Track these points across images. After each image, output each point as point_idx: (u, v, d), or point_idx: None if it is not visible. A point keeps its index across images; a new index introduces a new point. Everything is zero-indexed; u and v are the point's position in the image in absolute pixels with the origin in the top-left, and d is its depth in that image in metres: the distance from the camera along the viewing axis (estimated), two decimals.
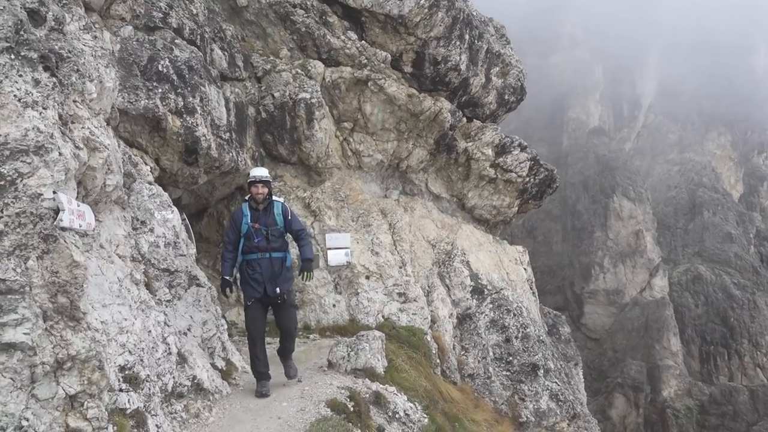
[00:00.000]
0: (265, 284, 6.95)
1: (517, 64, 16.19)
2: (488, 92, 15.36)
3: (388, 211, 13.52)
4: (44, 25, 4.80)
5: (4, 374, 3.71)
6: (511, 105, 16.24)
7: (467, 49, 14.17)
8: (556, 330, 17.44)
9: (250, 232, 6.95)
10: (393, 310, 12.02)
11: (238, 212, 7.13)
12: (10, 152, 4.02)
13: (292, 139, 12.23)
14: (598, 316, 47.85)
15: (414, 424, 7.56)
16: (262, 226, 6.97)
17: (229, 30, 11.78)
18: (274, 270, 6.98)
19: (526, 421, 12.38)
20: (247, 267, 7.02)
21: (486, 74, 15.10)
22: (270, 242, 6.99)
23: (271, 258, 6.97)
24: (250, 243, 6.97)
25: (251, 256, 6.99)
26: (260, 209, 7.09)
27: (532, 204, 16.97)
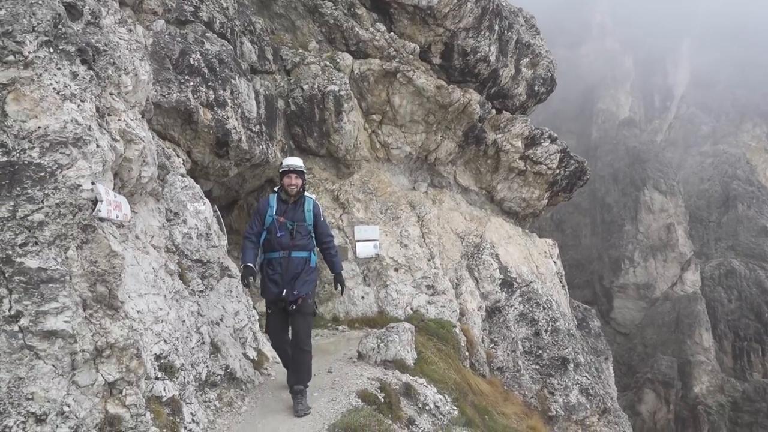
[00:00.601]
0: (285, 286, 6.14)
1: (547, 54, 16.00)
2: (518, 83, 15.20)
3: (417, 204, 13.50)
4: (81, 19, 4.86)
5: (46, 361, 3.79)
6: (541, 96, 16.07)
7: (497, 40, 14.04)
8: (586, 324, 17.27)
9: (274, 226, 6.21)
10: (421, 302, 12.01)
11: (264, 203, 6.43)
12: (50, 144, 4.09)
13: (321, 131, 12.26)
14: (627, 310, 47.23)
15: (444, 416, 7.55)
16: (288, 220, 6.23)
17: (259, 23, 11.84)
18: (295, 270, 6.18)
19: (555, 415, 12.29)
20: (267, 266, 6.28)
21: (516, 65, 14.95)
22: (294, 239, 6.20)
23: (291, 257, 6.18)
24: (272, 237, 6.21)
25: (272, 254, 6.24)
26: (289, 202, 6.34)
27: (562, 196, 16.79)
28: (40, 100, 4.14)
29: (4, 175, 3.86)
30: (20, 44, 4.11)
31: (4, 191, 3.85)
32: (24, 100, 4.09)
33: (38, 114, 4.11)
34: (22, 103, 4.09)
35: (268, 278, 6.23)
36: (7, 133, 3.98)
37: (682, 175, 53.77)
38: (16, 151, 3.97)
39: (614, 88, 59.35)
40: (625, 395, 38.81)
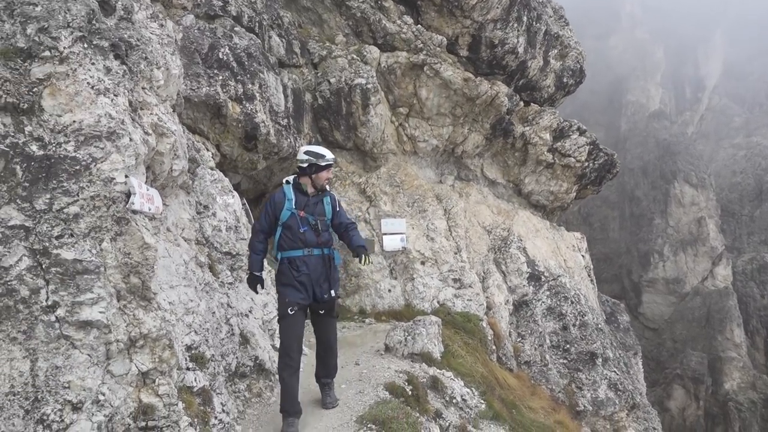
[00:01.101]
0: (314, 287, 5.60)
1: (576, 45, 15.79)
2: (546, 75, 15.04)
3: (444, 197, 13.45)
4: (114, 15, 4.94)
5: (82, 350, 3.87)
6: (569, 88, 15.88)
7: (525, 32, 13.89)
8: (615, 318, 17.08)
9: (295, 221, 5.55)
10: (448, 295, 11.99)
11: (279, 195, 5.68)
12: (84, 138, 4.16)
13: (348, 124, 12.27)
14: (656, 305, 46.52)
15: (471, 409, 7.54)
16: (309, 215, 5.60)
17: (286, 17, 11.88)
18: (322, 269, 5.65)
19: (583, 409, 12.20)
20: (289, 266, 5.57)
21: (544, 57, 14.78)
22: (320, 235, 5.63)
23: (316, 255, 5.61)
24: (292, 235, 5.55)
25: (293, 253, 5.57)
26: (310, 195, 5.70)
27: (591, 189, 16.59)
28: (75, 95, 4.21)
29: (40, 168, 3.94)
30: (56, 40, 4.19)
31: (41, 184, 3.93)
32: (59, 95, 4.17)
33: (73, 108, 4.18)
34: (58, 98, 4.16)
35: (294, 280, 5.53)
36: (43, 127, 4.06)
37: (714, 168, 52.66)
38: (52, 144, 4.04)
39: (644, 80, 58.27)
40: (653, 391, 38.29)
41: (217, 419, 5.13)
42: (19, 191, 3.84)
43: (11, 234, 3.73)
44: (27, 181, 3.87)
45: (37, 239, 3.83)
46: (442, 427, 6.46)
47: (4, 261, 3.66)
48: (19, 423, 3.58)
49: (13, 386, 3.60)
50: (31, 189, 3.88)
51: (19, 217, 3.78)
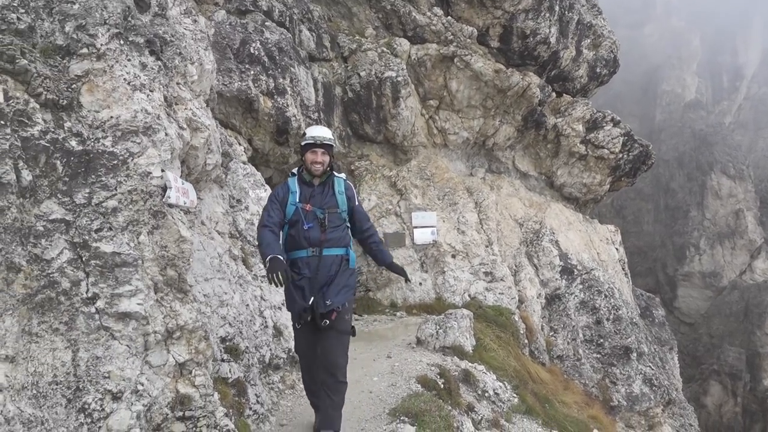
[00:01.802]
0: (314, 293, 4.65)
1: (609, 35, 15.52)
2: (579, 65, 14.80)
3: (474, 190, 13.37)
4: (149, 11, 5.00)
5: (121, 341, 3.95)
6: (603, 78, 15.61)
7: (557, 21, 13.69)
8: (650, 313, 16.80)
9: (299, 216, 4.74)
10: (479, 289, 11.93)
11: (283, 188, 4.92)
12: (121, 133, 4.24)
13: (378, 117, 12.27)
14: (692, 299, 45.59)
15: (504, 403, 7.50)
16: (316, 207, 4.77)
17: (316, 10, 11.91)
18: (328, 273, 4.71)
19: (617, 405, 12.04)
20: (292, 269, 4.71)
21: (577, 47, 14.55)
22: (326, 231, 4.73)
23: (322, 256, 4.70)
24: (296, 232, 4.75)
25: (297, 253, 4.76)
26: (315, 185, 4.88)
27: (625, 181, 16.31)
28: (112, 91, 4.28)
29: (80, 163, 4.02)
30: (93, 37, 4.26)
31: (80, 179, 4.01)
32: (97, 91, 4.25)
33: (110, 104, 4.26)
34: (96, 94, 4.24)
35: (293, 285, 4.68)
36: (82, 123, 4.14)
37: (753, 159, 51.30)
38: (90, 140, 4.12)
39: (680, 69, 56.95)
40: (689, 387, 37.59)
41: (252, 410, 5.20)
42: (60, 186, 3.92)
43: (52, 227, 3.81)
44: (67, 175, 3.95)
45: (77, 233, 3.91)
46: (474, 421, 6.44)
47: (46, 254, 3.74)
48: (62, 411, 3.67)
49: (55, 376, 3.69)
50: (71, 183, 3.96)
51: (59, 211, 3.87)
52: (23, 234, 3.63)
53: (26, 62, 3.90)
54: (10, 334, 3.43)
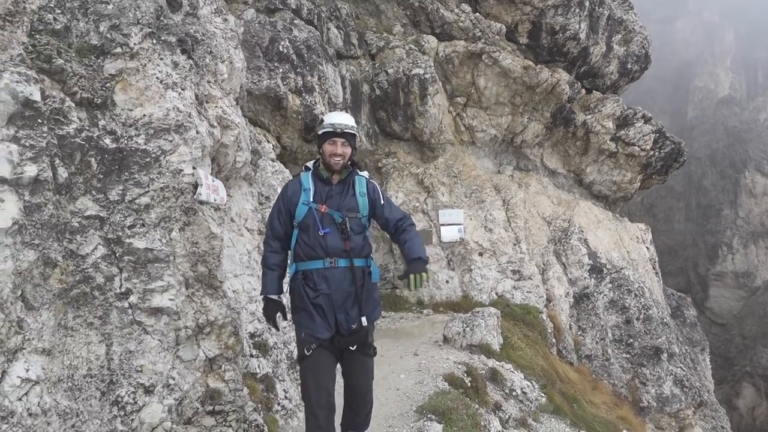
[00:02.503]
0: (336, 314, 3.90)
1: (640, 30, 15.27)
2: (609, 62, 14.60)
3: (502, 187, 13.28)
4: (180, 10, 5.07)
5: (153, 336, 4.02)
6: (634, 74, 15.37)
7: (587, 17, 13.51)
8: (681, 313, 16.51)
9: (313, 219, 3.93)
10: (507, 287, 11.86)
11: (293, 185, 4.13)
12: (154, 131, 4.30)
13: (406, 115, 12.25)
14: (724, 299, 44.67)
15: (531, 402, 7.45)
16: (333, 210, 3.95)
17: (344, 8, 11.93)
18: (349, 288, 3.92)
19: (647, 406, 11.88)
20: (304, 284, 3.92)
21: (607, 42, 14.35)
22: (348, 239, 3.94)
23: (342, 268, 3.92)
24: (309, 239, 3.92)
25: (312, 264, 3.92)
26: (333, 182, 4.06)
27: (656, 179, 16.04)
28: (145, 89, 4.35)
29: (113, 160, 4.09)
30: (126, 36, 4.33)
31: (114, 176, 4.08)
32: (130, 90, 4.32)
33: (143, 102, 4.33)
34: (129, 93, 4.31)
35: (309, 303, 3.89)
36: (115, 121, 4.21)
37: None
38: (124, 138, 4.19)
39: (713, 64, 55.75)
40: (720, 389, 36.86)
41: (280, 405, 5.25)
42: (94, 183, 4.00)
43: (87, 224, 3.89)
44: (101, 173, 4.02)
45: (111, 229, 3.98)
46: (501, 420, 6.40)
47: (81, 249, 3.82)
48: (96, 404, 3.74)
49: (90, 369, 3.77)
50: (105, 180, 4.03)
51: (94, 208, 3.94)
52: (59, 230, 3.71)
53: (62, 62, 3.98)
54: (46, 328, 3.51)
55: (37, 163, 3.53)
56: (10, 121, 3.49)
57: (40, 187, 3.55)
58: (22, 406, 3.27)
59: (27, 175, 3.46)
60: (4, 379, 3.26)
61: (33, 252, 3.45)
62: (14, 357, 3.32)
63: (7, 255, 3.30)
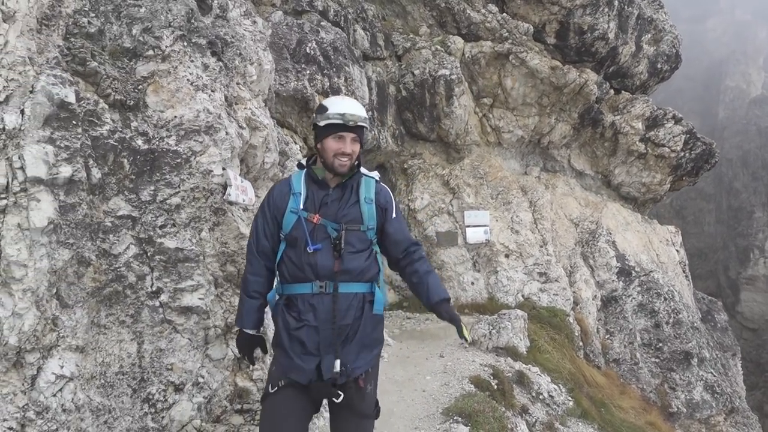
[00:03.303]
0: (321, 354, 3.02)
1: (671, 29, 15.04)
2: (638, 61, 14.41)
3: (529, 189, 13.18)
4: (210, 13, 5.13)
5: (183, 335, 4.07)
6: (664, 74, 15.15)
7: (616, 16, 13.35)
8: (711, 317, 16.21)
9: (301, 231, 3.12)
10: (533, 289, 11.76)
11: (282, 187, 3.33)
12: (185, 132, 4.36)
13: (432, 116, 12.23)
14: (756, 304, 43.71)
15: (558, 406, 7.38)
16: (328, 221, 3.14)
17: (371, 10, 11.96)
18: (343, 321, 3.05)
19: (677, 411, 11.68)
20: (287, 311, 3.12)
21: (636, 42, 14.16)
22: (342, 258, 3.09)
23: (337, 294, 3.05)
24: (296, 256, 3.12)
25: (297, 288, 3.11)
26: (331, 186, 3.24)
27: (687, 181, 15.78)
28: (176, 91, 4.40)
29: (145, 161, 4.15)
30: (158, 39, 4.39)
31: (145, 176, 4.14)
32: (162, 92, 4.38)
33: (174, 104, 4.38)
34: (160, 95, 4.37)
35: (287, 335, 3.07)
36: (147, 122, 4.27)
37: None
38: (155, 139, 4.25)
39: (744, 64, 54.65)
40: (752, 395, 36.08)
41: None
42: (127, 183, 4.06)
43: (120, 224, 3.95)
44: (133, 173, 4.08)
45: (143, 228, 4.04)
46: (528, 423, 6.36)
47: (114, 249, 3.88)
48: (128, 401, 3.80)
49: (122, 366, 3.83)
50: (137, 181, 4.09)
51: (126, 208, 4.01)
52: (93, 229, 3.77)
53: (96, 64, 4.05)
54: (80, 326, 3.57)
55: (71, 163, 3.60)
56: (46, 122, 3.57)
57: (74, 187, 3.61)
58: (57, 402, 3.34)
59: (62, 175, 3.53)
60: (39, 375, 3.33)
61: (67, 251, 3.52)
62: (49, 354, 3.39)
63: (43, 254, 3.37)
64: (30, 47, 3.70)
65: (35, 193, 3.39)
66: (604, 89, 13.53)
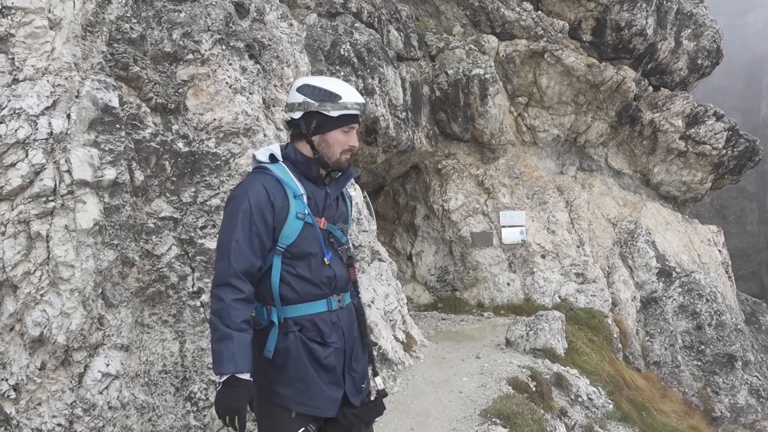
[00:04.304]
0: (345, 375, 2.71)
1: (711, 24, 14.67)
2: (678, 57, 14.09)
3: (565, 188, 13.00)
4: (248, 17, 5.19)
5: None
6: (704, 70, 14.78)
7: (654, 12, 13.09)
8: (756, 319, 15.74)
9: (313, 242, 2.64)
10: (570, 290, 11.59)
11: (271, 186, 2.58)
12: (224, 134, 4.42)
13: (466, 116, 12.16)
14: None
15: (598, 409, 7.26)
16: (334, 225, 2.76)
17: (404, 10, 11.95)
18: (353, 333, 2.78)
19: (720, 416, 11.38)
20: (305, 339, 2.58)
21: (676, 38, 13.86)
22: (352, 260, 2.84)
23: (353, 307, 2.82)
24: (311, 271, 2.63)
25: (311, 307, 2.62)
26: (326, 184, 2.77)
27: (729, 179, 15.37)
28: (215, 94, 4.47)
29: (186, 164, 4.22)
30: (198, 43, 4.47)
31: (186, 178, 4.22)
32: (201, 95, 4.45)
33: (213, 107, 4.45)
34: (200, 98, 4.44)
35: (317, 367, 2.59)
36: (188, 125, 4.35)
37: None
38: (195, 141, 4.32)
39: None
40: None
41: None
42: (168, 185, 4.14)
43: (162, 225, 4.03)
44: (174, 175, 4.16)
45: (184, 230, 4.11)
46: (567, 426, 6.27)
47: (157, 250, 3.96)
48: (171, 399, 3.87)
49: (165, 365, 3.90)
50: (178, 183, 4.17)
51: (168, 209, 4.08)
52: (136, 231, 3.85)
53: (138, 69, 4.14)
54: (125, 325, 3.65)
55: (115, 166, 3.68)
56: (91, 126, 3.66)
57: (118, 189, 3.70)
58: (103, 400, 3.41)
59: (107, 178, 3.61)
60: (86, 373, 3.42)
61: (112, 252, 3.60)
62: (95, 352, 3.47)
63: (89, 254, 3.45)
64: (75, 53, 3.80)
65: (81, 195, 3.48)
66: (643, 86, 13.27)
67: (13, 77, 3.48)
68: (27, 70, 3.51)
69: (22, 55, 3.51)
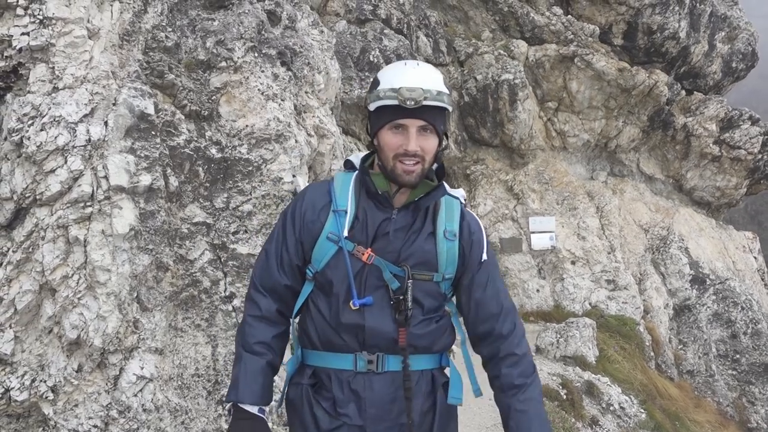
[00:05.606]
0: None
1: (746, 26, 14.41)
2: (712, 61, 13.85)
3: (595, 194, 12.85)
4: (280, 24, 5.24)
5: None
6: (739, 73, 14.51)
7: (687, 15, 12.89)
8: None
9: (341, 275, 1.89)
10: (601, 297, 11.45)
11: (317, 196, 2.02)
12: (256, 141, 4.47)
13: (495, 121, 12.11)
14: None
15: (630, 418, 7.14)
16: (387, 260, 1.90)
17: (433, 16, 11.97)
18: (399, 414, 1.90)
19: (756, 427, 11.12)
20: (312, 396, 1.92)
21: (709, 41, 13.63)
22: (408, 319, 1.87)
23: (409, 375, 1.89)
24: (331, 311, 1.90)
25: (332, 360, 1.91)
26: (395, 204, 1.95)
27: (765, 184, 15.04)
28: (248, 101, 4.52)
29: (219, 170, 4.28)
30: (231, 51, 4.53)
31: (219, 184, 4.27)
32: (234, 102, 4.50)
33: (246, 114, 4.50)
34: (233, 104, 4.50)
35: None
36: (221, 132, 4.41)
37: None
38: (228, 148, 4.38)
39: None
40: None
41: None
42: (201, 191, 4.19)
43: (195, 230, 4.08)
44: (208, 181, 4.21)
45: (217, 235, 4.16)
46: None
47: (190, 254, 4.01)
48: (203, 403, 3.91)
49: (197, 369, 3.94)
50: (211, 189, 4.22)
51: (201, 215, 4.13)
52: (170, 236, 3.91)
53: (173, 77, 4.21)
54: (159, 328, 3.70)
55: (150, 172, 3.74)
56: (127, 133, 3.73)
57: (153, 195, 3.76)
58: (138, 402, 3.47)
59: (142, 183, 3.67)
60: (121, 375, 3.48)
61: (147, 256, 3.66)
62: (130, 355, 3.53)
63: (125, 259, 3.52)
64: (113, 62, 3.88)
65: (118, 201, 3.55)
66: (675, 90, 13.07)
67: (53, 86, 3.56)
68: (66, 79, 3.59)
69: (61, 64, 3.60)
